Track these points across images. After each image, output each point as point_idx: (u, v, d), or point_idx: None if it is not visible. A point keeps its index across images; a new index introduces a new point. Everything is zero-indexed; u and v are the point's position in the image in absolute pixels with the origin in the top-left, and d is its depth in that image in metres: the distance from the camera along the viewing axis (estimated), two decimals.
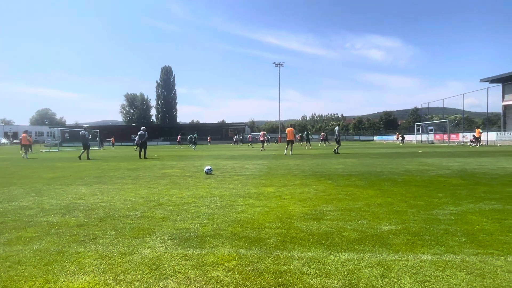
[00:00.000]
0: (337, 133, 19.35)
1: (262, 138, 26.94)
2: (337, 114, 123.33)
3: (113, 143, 46.56)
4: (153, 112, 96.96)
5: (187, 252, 2.85)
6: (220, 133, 74.29)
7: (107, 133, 55.70)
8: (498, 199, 4.83)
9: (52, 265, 2.64)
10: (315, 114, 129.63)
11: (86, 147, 16.98)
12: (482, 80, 35.42)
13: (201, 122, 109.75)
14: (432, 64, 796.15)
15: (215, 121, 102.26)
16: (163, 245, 3.05)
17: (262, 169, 9.84)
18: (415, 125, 46.79)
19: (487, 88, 33.33)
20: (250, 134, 28.78)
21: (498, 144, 29.25)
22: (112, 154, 22.50)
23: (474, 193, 5.34)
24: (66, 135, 59.62)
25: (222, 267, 2.54)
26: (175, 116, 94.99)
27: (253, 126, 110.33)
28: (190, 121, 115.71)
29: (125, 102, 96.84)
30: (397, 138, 41.91)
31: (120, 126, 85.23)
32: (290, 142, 18.47)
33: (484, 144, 29.91)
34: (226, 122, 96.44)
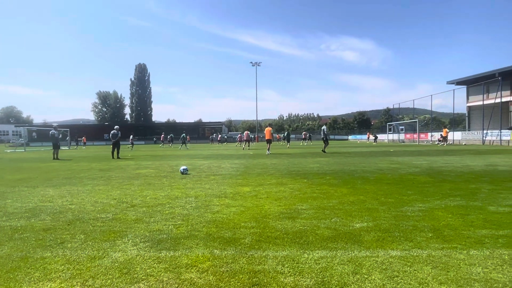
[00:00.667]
0: (325, 132, 19.59)
1: (246, 138, 27.38)
2: (313, 113, 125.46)
3: (85, 143, 44.92)
4: (127, 110, 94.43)
5: (160, 255, 2.79)
6: (197, 132, 73.43)
7: (78, 132, 53.57)
8: (462, 195, 5.08)
9: (14, 272, 2.50)
10: (291, 114, 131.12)
11: (56, 146, 16.29)
12: (448, 82, 37.16)
13: (177, 121, 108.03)
14: (403, 66, 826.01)
15: (191, 120, 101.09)
16: (135, 248, 2.98)
17: (238, 169, 9.83)
18: (387, 125, 48.40)
19: (453, 90, 35.05)
20: (240, 133, 29.71)
21: (463, 143, 30.81)
22: (84, 154, 21.69)
23: (440, 190, 5.59)
24: (34, 134, 56.73)
25: (195, 268, 2.51)
26: (150, 115, 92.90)
27: (230, 126, 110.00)
28: (166, 120, 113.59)
29: (97, 100, 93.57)
30: (368, 138, 43.28)
31: (92, 125, 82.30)
32: (268, 141, 18.71)
33: (450, 143, 31.39)
34: (203, 121, 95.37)
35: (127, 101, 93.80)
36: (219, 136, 52.39)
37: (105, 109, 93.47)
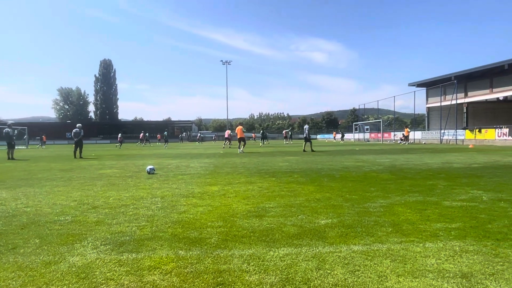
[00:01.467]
0: (306, 131, 18.99)
1: (227, 136, 27.82)
2: (283, 113, 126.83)
3: (44, 142, 42.44)
4: (91, 108, 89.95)
5: (122, 257, 2.69)
6: (166, 130, 71.86)
7: (37, 130, 50.51)
8: (421, 191, 5.36)
9: None
10: (262, 113, 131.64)
11: (11, 146, 15.24)
12: (410, 84, 39.04)
13: (145, 119, 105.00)
14: (368, 68, 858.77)
15: (160, 119, 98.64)
16: (94, 251, 2.85)
17: (207, 168, 9.73)
18: (353, 125, 50.08)
19: (414, 91, 36.90)
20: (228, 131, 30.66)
21: (423, 142, 32.56)
22: (43, 154, 20.48)
23: (401, 186, 5.86)
24: None
25: (159, 270, 2.44)
26: (116, 113, 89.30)
27: (201, 124, 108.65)
28: (133, 118, 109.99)
29: (58, 97, 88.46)
30: (334, 137, 44.76)
31: (53, 123, 77.88)
32: (240, 140, 18.75)
33: (411, 142, 33.04)
34: (172, 119, 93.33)
35: (91, 98, 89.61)
36: (198, 135, 51.70)
37: (67, 107, 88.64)
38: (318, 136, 71.38)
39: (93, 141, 62.45)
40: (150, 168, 8.49)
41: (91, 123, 76.38)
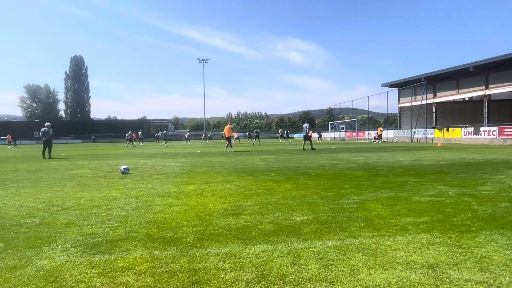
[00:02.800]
0: (307, 130, 18.76)
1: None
2: (261, 112, 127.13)
3: (10, 141, 40.34)
4: (62, 106, 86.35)
5: (94, 259, 2.61)
6: (141, 130, 70.17)
7: (2, 130, 47.92)
8: (392, 187, 5.55)
9: None
10: (240, 112, 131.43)
11: None
12: (383, 85, 40.24)
13: (119, 118, 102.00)
14: (344, 68, 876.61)
15: (135, 118, 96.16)
16: (64, 253, 2.75)
17: (184, 167, 9.61)
18: (329, 124, 51.07)
19: (387, 92, 38.10)
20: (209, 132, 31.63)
21: (395, 141, 33.72)
22: (10, 154, 19.45)
23: (373, 183, 6.04)
24: None
25: (132, 271, 2.39)
26: (88, 112, 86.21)
27: (177, 123, 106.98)
28: (106, 117, 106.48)
29: (25, 95, 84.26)
30: (311, 136, 45.74)
31: (19, 122, 74.10)
32: (228, 139, 18.72)
33: (384, 140, 34.15)
34: (147, 118, 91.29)
35: (61, 96, 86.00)
36: (187, 134, 50.87)
37: (35, 105, 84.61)
38: (296, 135, 72.23)
39: (64, 141, 60.11)
40: (124, 168, 8.27)
41: (61, 122, 73.41)
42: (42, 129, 14.94)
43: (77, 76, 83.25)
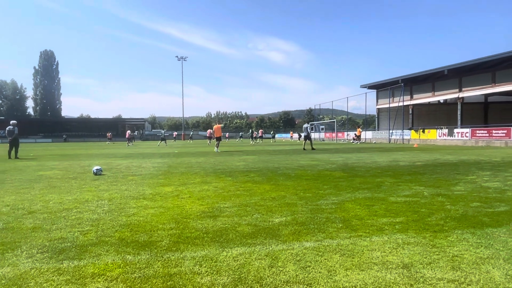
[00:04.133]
0: (308, 129, 18.97)
1: (208, 135, 29.82)
2: (241, 112, 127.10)
3: None
4: (30, 103, 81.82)
5: (61, 266, 2.48)
6: (116, 129, 68.32)
7: None
8: (369, 188, 5.64)
9: None
10: (220, 111, 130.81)
11: None
12: (362, 86, 41.15)
13: (92, 116, 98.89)
14: (324, 69, 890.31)
15: (109, 116, 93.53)
16: (29, 260, 2.59)
17: (161, 168, 9.40)
18: (309, 124, 51.63)
19: (366, 93, 38.99)
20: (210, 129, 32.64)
21: (374, 142, 34.54)
22: None
23: (352, 184, 6.12)
24: None
25: (103, 277, 2.28)
26: (59, 109, 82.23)
27: (154, 122, 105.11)
28: (78, 115, 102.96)
29: None
30: (291, 137, 46.41)
31: None
32: (218, 139, 18.79)
33: (363, 141, 34.89)
34: (123, 117, 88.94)
35: (29, 93, 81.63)
36: (175, 133, 49.93)
37: (0, 101, 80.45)
38: (276, 135, 72.66)
39: (32, 140, 57.76)
40: (96, 169, 7.98)
41: (30, 120, 70.34)
42: (7, 128, 14.22)
43: (47, 71, 79.38)
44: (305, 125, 19.69)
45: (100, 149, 24.96)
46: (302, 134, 19.49)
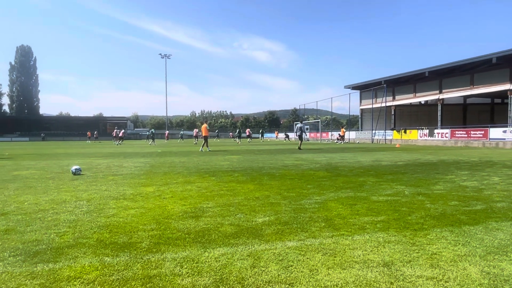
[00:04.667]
0: (303, 129, 19.97)
1: (195, 134, 31.24)
2: (226, 111, 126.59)
3: None
4: (6, 100, 78.23)
5: (35, 269, 2.38)
6: (97, 128, 66.71)
7: None
8: (352, 187, 5.70)
9: None
10: (204, 111, 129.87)
11: None
12: (345, 87, 41.70)
13: (72, 114, 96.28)
14: (308, 69, 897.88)
15: (90, 114, 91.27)
16: (0, 264, 2.47)
17: (142, 168, 9.23)
18: (294, 124, 51.98)
19: (349, 93, 39.53)
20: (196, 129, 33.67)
21: (357, 142, 35.07)
22: None
23: (335, 183, 6.17)
24: None
25: (79, 280, 2.20)
26: (37, 107, 79.21)
27: (137, 121, 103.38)
28: (58, 113, 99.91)
29: None
30: (277, 136, 46.76)
31: None
32: (205, 138, 19.02)
33: (347, 141, 35.37)
34: (104, 115, 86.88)
35: (5, 89, 78.19)
36: (166, 132, 49.23)
37: None
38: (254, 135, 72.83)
39: (8, 138, 55.82)
40: (75, 169, 7.75)
41: (5, 118, 67.80)
42: None
43: (24, 68, 76.31)
44: (299, 125, 20.51)
45: (80, 148, 24.32)
46: (297, 134, 20.54)
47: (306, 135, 20.40)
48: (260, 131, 48.93)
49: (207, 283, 2.18)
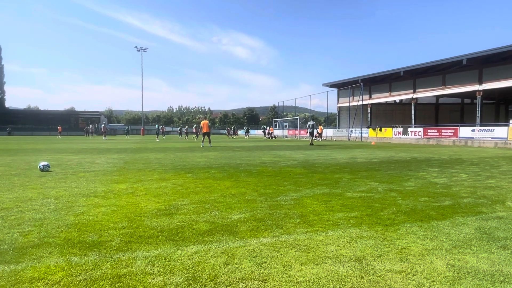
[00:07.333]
0: (315, 126, 21.57)
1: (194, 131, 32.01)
2: (204, 107, 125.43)
3: None
4: None
5: None
6: (69, 122, 64.22)
7: None
8: (328, 184, 5.79)
9: None
10: (182, 106, 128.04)
11: None
12: (324, 85, 42.26)
13: (41, 108, 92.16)
14: (288, 66, 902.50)
15: (61, 108, 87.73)
16: None
17: (116, 164, 8.97)
18: (273, 121, 52.23)
19: (327, 91, 40.10)
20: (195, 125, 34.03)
21: (334, 139, 35.71)
22: None
23: (311, 180, 6.24)
24: None
25: (44, 281, 2.10)
26: (3, 99, 74.84)
27: (111, 116, 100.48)
28: (26, 107, 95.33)
29: None
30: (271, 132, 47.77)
31: None
32: (206, 134, 19.39)
33: (324, 139, 35.95)
34: (76, 110, 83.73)
35: None
36: (161, 127, 47.64)
37: None
38: (240, 132, 72.59)
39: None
40: (43, 165, 7.41)
41: None
42: None
43: None
44: (310, 122, 22.80)
45: (50, 143, 23.32)
46: (308, 130, 22.46)
47: (315, 132, 22.29)
48: (245, 128, 50.10)
49: (179, 281, 2.14)
